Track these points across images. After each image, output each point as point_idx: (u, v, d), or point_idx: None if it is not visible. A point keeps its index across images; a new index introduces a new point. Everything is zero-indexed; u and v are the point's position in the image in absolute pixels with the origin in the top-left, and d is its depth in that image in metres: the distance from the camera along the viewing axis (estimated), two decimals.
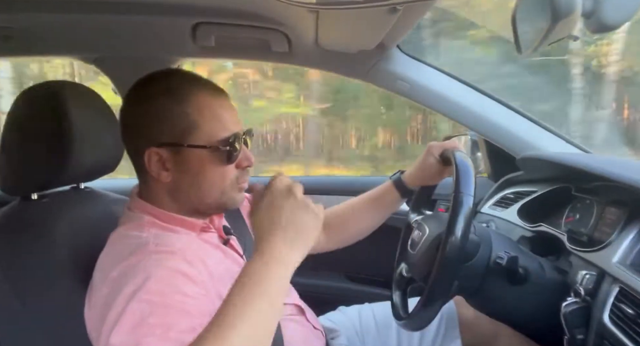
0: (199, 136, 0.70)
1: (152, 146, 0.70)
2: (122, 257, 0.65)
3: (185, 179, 0.72)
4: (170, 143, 0.70)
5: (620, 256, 0.74)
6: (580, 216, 0.95)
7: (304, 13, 0.91)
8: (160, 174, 0.71)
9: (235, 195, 0.76)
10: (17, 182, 0.79)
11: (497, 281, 0.80)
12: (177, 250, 0.66)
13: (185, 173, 0.72)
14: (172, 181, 0.72)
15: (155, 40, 1.21)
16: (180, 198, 0.74)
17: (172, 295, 0.60)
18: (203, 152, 0.70)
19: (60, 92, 0.80)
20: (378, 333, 1.05)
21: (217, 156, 0.71)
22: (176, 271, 0.63)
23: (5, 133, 0.78)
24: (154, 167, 0.71)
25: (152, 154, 0.70)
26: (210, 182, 0.73)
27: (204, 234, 0.78)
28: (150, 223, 0.72)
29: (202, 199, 0.74)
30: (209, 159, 0.71)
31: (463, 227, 0.71)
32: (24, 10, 1.02)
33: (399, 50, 1.21)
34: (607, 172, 0.84)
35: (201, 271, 0.67)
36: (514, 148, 1.24)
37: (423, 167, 0.99)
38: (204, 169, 0.71)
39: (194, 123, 0.70)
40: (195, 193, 0.73)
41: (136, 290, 0.59)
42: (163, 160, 0.71)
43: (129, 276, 0.61)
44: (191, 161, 0.71)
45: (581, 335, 0.74)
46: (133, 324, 0.56)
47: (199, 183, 0.72)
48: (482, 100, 1.25)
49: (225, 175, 0.73)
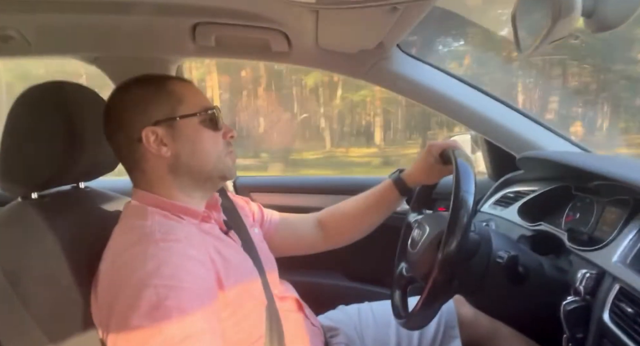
0: (187, 107, 0.78)
1: (148, 126, 0.75)
2: (130, 245, 0.68)
3: (184, 149, 0.78)
4: (164, 119, 0.76)
5: (620, 255, 0.74)
6: (581, 215, 0.95)
7: (304, 13, 0.91)
8: (160, 150, 0.76)
9: (229, 162, 0.83)
10: (17, 182, 0.79)
11: (497, 280, 0.80)
12: (182, 238, 0.70)
13: (182, 143, 0.78)
14: (172, 155, 0.77)
15: (155, 40, 1.21)
16: (182, 170, 0.78)
17: (185, 278, 0.64)
18: (194, 120, 0.78)
19: (60, 92, 0.80)
20: (377, 331, 1.05)
21: (207, 122, 0.79)
22: (185, 256, 0.67)
23: (6, 133, 0.78)
24: (154, 144, 0.76)
25: (149, 133, 0.76)
26: (206, 147, 0.79)
27: (205, 225, 0.80)
28: (153, 213, 0.75)
29: (202, 167, 0.80)
30: (200, 126, 0.79)
31: (463, 226, 0.71)
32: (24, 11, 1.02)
33: (399, 49, 1.21)
34: (607, 171, 0.84)
35: (205, 256, 0.71)
36: (514, 147, 1.24)
37: (423, 166, 0.99)
38: (199, 135, 0.79)
39: (179, 99, 0.78)
40: (195, 162, 0.79)
41: (150, 275, 0.62)
42: (160, 137, 0.76)
43: (140, 262, 0.64)
44: (186, 130, 0.78)
45: (581, 334, 0.74)
46: (150, 307, 0.59)
47: (197, 150, 0.79)
48: (482, 99, 1.25)
49: (217, 141, 0.81)
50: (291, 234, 1.07)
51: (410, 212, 1.05)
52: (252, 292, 0.79)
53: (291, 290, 0.98)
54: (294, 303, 0.94)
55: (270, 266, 0.92)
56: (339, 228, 1.08)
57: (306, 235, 1.08)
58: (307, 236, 1.08)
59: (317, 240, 1.08)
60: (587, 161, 0.94)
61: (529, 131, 1.24)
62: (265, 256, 0.92)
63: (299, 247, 1.09)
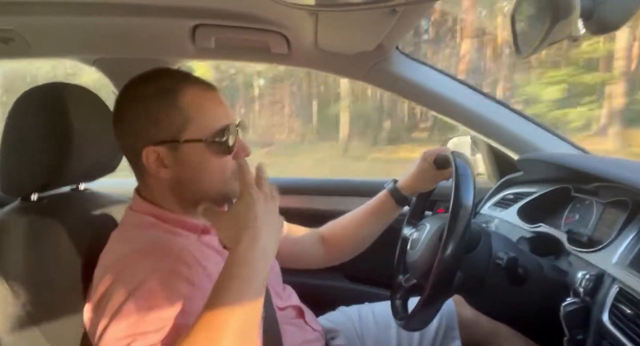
0: (194, 130, 0.71)
1: (150, 145, 0.71)
2: (123, 257, 0.66)
3: (186, 174, 0.73)
4: (167, 141, 0.71)
5: (619, 256, 0.74)
6: (580, 216, 0.95)
7: (303, 15, 0.92)
8: (159, 172, 0.72)
9: (236, 186, 0.74)
10: (17, 183, 0.79)
11: (497, 281, 0.80)
12: (175, 253, 0.67)
13: (185, 168, 0.72)
14: (172, 177, 0.73)
15: (155, 41, 1.21)
16: (182, 192, 0.75)
17: (169, 295, 0.62)
18: (200, 146, 0.71)
19: (60, 93, 0.80)
20: (378, 333, 1.05)
21: (214, 148, 0.72)
22: (173, 272, 0.65)
23: (6, 134, 0.78)
24: (153, 165, 0.71)
25: (150, 153, 0.71)
26: (211, 174, 0.73)
27: (205, 237, 0.78)
28: (151, 224, 0.73)
29: (205, 192, 0.74)
30: (206, 152, 0.72)
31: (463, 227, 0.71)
32: (24, 13, 1.02)
33: (398, 51, 1.21)
34: (606, 172, 0.84)
35: (199, 274, 0.68)
36: (513, 148, 1.24)
37: (418, 173, 1.00)
38: (203, 162, 0.72)
39: (188, 119, 0.71)
40: (197, 186, 0.74)
41: (134, 289, 0.61)
42: (161, 158, 0.71)
43: (128, 275, 0.63)
44: (190, 156, 0.72)
45: (580, 335, 0.74)
46: (130, 320, 0.59)
47: (200, 176, 0.73)
48: (482, 101, 1.25)
49: (225, 167, 0.74)
50: (296, 249, 1.06)
51: (405, 226, 1.05)
52: None
53: (292, 296, 0.97)
54: (294, 311, 0.93)
55: (273, 276, 0.91)
56: (340, 242, 1.08)
57: (310, 251, 1.07)
58: (310, 251, 1.07)
59: (319, 256, 1.08)
60: (586, 162, 0.94)
61: (528, 133, 1.24)
62: None
63: (302, 262, 1.08)
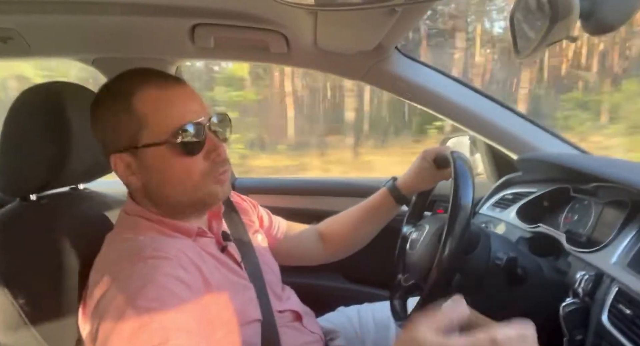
0: (149, 134, 0.68)
1: (114, 152, 0.70)
2: (118, 261, 0.65)
3: (152, 180, 0.70)
4: (128, 147, 0.69)
5: (618, 256, 0.74)
6: (579, 217, 0.95)
7: (302, 14, 0.92)
8: (129, 179, 0.71)
9: (212, 189, 0.72)
10: (16, 183, 0.79)
11: (496, 281, 0.80)
12: (172, 256, 0.66)
13: (150, 173, 0.70)
14: (143, 185, 0.71)
15: (154, 41, 1.21)
16: (156, 200, 0.73)
17: (170, 301, 0.60)
18: (160, 149, 0.68)
19: (59, 93, 0.80)
20: (377, 333, 1.05)
21: (174, 150, 0.68)
22: (172, 277, 0.63)
23: (4, 134, 0.78)
24: (122, 173, 0.71)
25: (117, 160, 0.70)
26: (177, 178, 0.70)
27: (201, 239, 0.76)
28: (146, 227, 0.72)
29: (176, 198, 0.71)
30: (166, 155, 0.68)
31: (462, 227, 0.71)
32: (23, 12, 1.02)
33: (398, 51, 1.21)
34: (605, 172, 0.84)
35: (196, 278, 0.67)
36: (512, 149, 1.24)
37: (417, 172, 1.00)
38: (166, 166, 0.69)
39: (142, 122, 0.67)
40: (167, 192, 0.71)
41: (134, 296, 0.59)
42: (128, 165, 0.70)
43: (126, 281, 0.61)
44: (152, 160, 0.69)
45: (580, 336, 0.74)
46: (132, 330, 0.56)
47: (166, 181, 0.70)
48: (481, 101, 1.25)
49: (192, 169, 0.70)
50: (295, 246, 1.06)
51: (405, 224, 1.05)
52: (246, 312, 0.75)
53: (291, 297, 0.97)
54: (292, 314, 0.92)
55: (271, 277, 0.90)
56: (338, 239, 1.08)
57: (308, 248, 1.08)
58: (309, 248, 1.08)
59: (318, 253, 1.08)
60: (585, 163, 0.94)
61: (527, 133, 1.24)
62: (267, 265, 0.91)
63: (301, 259, 1.08)
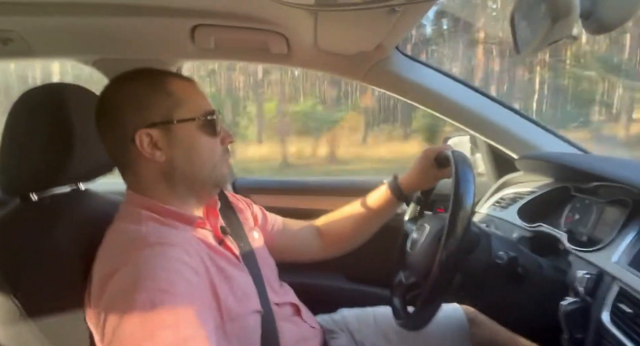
0: (185, 111, 0.74)
1: (142, 128, 0.72)
2: (124, 249, 0.66)
3: (179, 155, 0.74)
4: (160, 122, 0.73)
5: (619, 256, 0.74)
6: (580, 216, 0.95)
7: (302, 15, 0.92)
8: (154, 154, 0.73)
9: (224, 170, 0.80)
10: (17, 183, 0.79)
11: (497, 280, 0.80)
12: (177, 243, 0.68)
13: (178, 148, 0.74)
14: (167, 160, 0.74)
15: (155, 42, 1.21)
16: (175, 177, 0.76)
17: (179, 283, 0.62)
18: (192, 125, 0.75)
19: (60, 93, 0.80)
20: (377, 336, 1.04)
21: (205, 128, 0.76)
22: (180, 261, 0.65)
23: (6, 134, 0.78)
24: (147, 148, 0.73)
25: (144, 136, 0.72)
26: (202, 155, 0.76)
27: (200, 230, 0.78)
28: (148, 218, 0.73)
29: (196, 175, 0.76)
30: (198, 131, 0.75)
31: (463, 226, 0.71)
32: (23, 14, 1.02)
33: (398, 51, 1.22)
34: (606, 172, 0.84)
35: (199, 264, 0.69)
36: (513, 148, 1.24)
37: (419, 171, 1.00)
38: (196, 142, 0.75)
39: (177, 101, 0.74)
40: (190, 168, 0.76)
41: (144, 279, 0.60)
42: (155, 141, 0.73)
43: (134, 266, 0.62)
44: (182, 135, 0.74)
45: (580, 335, 0.74)
46: (144, 312, 0.57)
47: (192, 157, 0.75)
48: (481, 101, 1.26)
49: (215, 149, 0.78)
50: (292, 242, 1.07)
51: (407, 223, 1.05)
52: (247, 303, 0.77)
53: (289, 293, 0.97)
54: (291, 308, 0.93)
55: (268, 272, 0.91)
56: (337, 236, 1.08)
57: (306, 244, 1.08)
58: (307, 244, 1.08)
59: (317, 249, 1.08)
60: (586, 162, 0.94)
61: (528, 132, 1.24)
62: (264, 261, 0.91)
63: (299, 255, 1.09)
